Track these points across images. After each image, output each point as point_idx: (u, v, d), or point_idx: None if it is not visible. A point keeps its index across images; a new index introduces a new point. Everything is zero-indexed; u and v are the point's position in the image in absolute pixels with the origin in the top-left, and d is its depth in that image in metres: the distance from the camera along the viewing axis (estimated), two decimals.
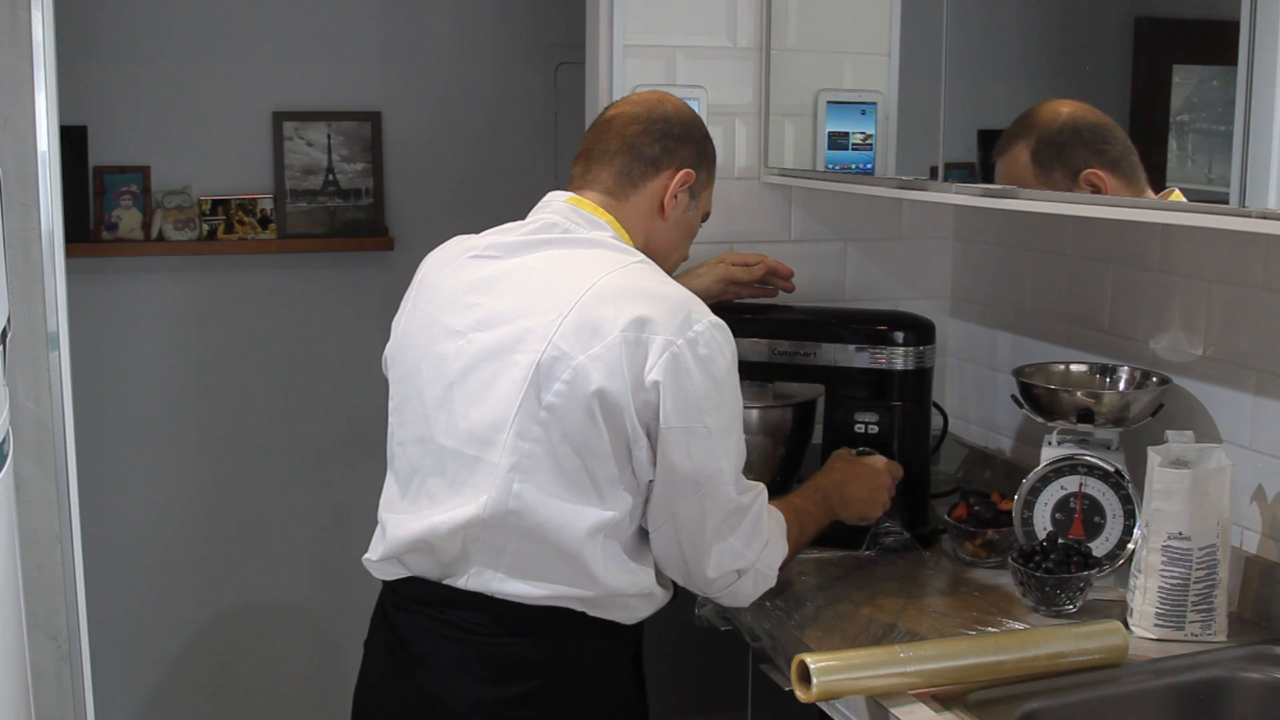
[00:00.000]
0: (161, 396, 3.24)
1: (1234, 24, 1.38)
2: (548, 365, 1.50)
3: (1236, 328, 1.79)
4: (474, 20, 3.32)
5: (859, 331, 1.99)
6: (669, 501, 1.56)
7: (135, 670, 3.25)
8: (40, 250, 1.96)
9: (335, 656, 3.32)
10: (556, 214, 1.67)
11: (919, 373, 1.98)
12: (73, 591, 2.05)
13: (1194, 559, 1.61)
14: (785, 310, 2.12)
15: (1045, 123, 1.74)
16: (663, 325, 1.51)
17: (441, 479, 1.58)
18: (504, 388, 1.53)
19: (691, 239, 1.81)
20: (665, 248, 1.75)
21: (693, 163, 1.73)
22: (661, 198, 1.71)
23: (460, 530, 1.54)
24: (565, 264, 1.60)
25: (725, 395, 1.55)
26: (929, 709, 1.44)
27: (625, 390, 1.49)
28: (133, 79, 3.11)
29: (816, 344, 2.01)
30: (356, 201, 3.29)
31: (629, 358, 1.50)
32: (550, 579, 1.54)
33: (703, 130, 1.77)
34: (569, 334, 1.51)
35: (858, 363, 1.98)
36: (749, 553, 1.61)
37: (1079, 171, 1.65)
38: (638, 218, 1.70)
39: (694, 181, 1.73)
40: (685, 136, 1.73)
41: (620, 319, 1.50)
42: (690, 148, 1.73)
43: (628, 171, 1.70)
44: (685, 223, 1.76)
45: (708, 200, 1.80)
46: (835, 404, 2.03)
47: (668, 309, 1.52)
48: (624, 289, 1.54)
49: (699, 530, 1.57)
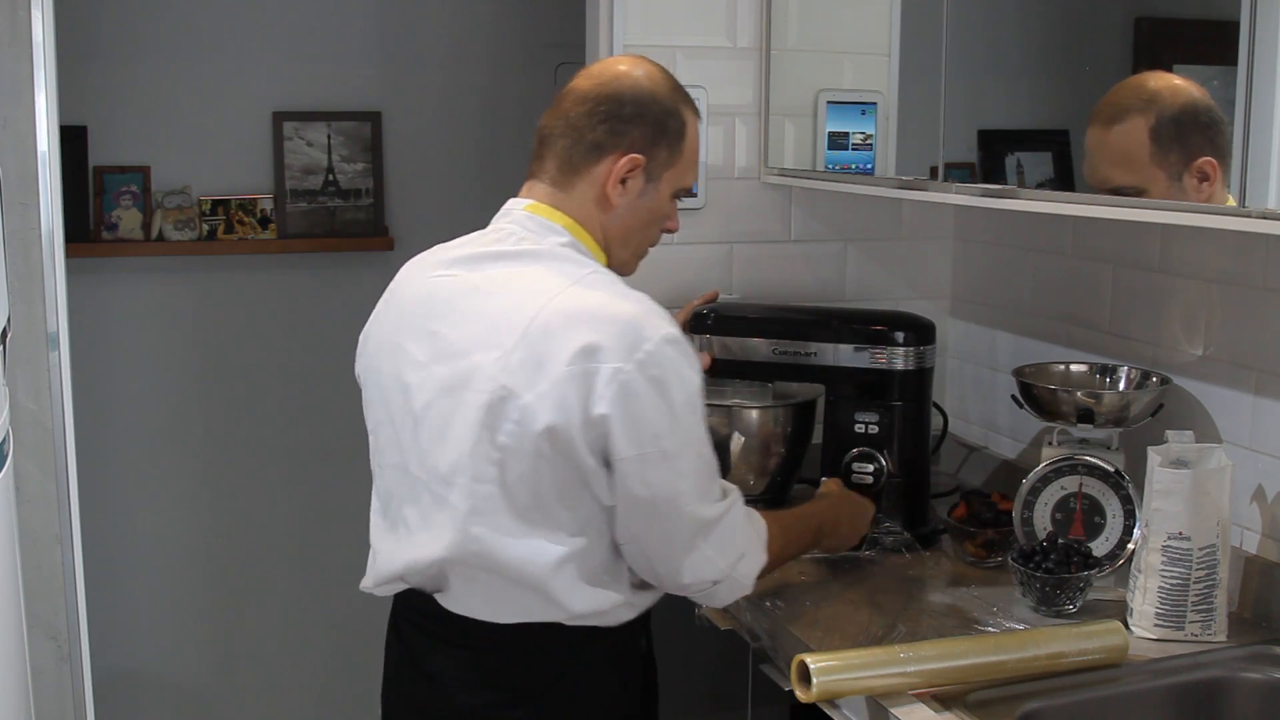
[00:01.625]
0: (161, 396, 3.23)
1: (1234, 24, 1.38)
2: (498, 405, 1.47)
3: (1236, 328, 1.79)
4: (474, 20, 3.32)
5: (859, 331, 1.99)
6: (630, 524, 1.53)
7: (135, 670, 3.25)
8: (40, 250, 1.96)
9: (336, 656, 3.32)
10: (514, 223, 1.61)
11: (919, 373, 1.98)
12: (73, 591, 2.05)
13: (1194, 559, 1.61)
14: (786, 310, 2.13)
15: (1167, 98, 1.59)
16: (610, 351, 1.45)
17: (416, 508, 1.58)
18: (459, 429, 1.51)
19: (660, 220, 1.67)
20: (620, 235, 1.64)
21: (644, 145, 1.59)
22: (605, 186, 1.59)
23: (433, 565, 1.55)
24: (516, 285, 1.54)
25: (681, 414, 1.49)
26: (929, 709, 1.44)
27: (574, 425, 1.45)
28: (133, 79, 3.10)
29: (817, 344, 2.01)
30: (356, 201, 3.29)
31: (576, 392, 1.45)
32: (520, 608, 1.54)
33: (663, 105, 1.61)
34: (516, 371, 1.47)
35: (858, 363, 1.99)
36: (722, 562, 1.57)
37: (1195, 157, 1.53)
38: (584, 208, 1.61)
39: (645, 165, 1.60)
40: (637, 116, 1.59)
41: (566, 350, 1.45)
42: (641, 128, 1.59)
43: (569, 157, 1.60)
44: (643, 209, 1.63)
45: (677, 177, 1.65)
46: (835, 404, 2.03)
47: (615, 332, 1.46)
48: (570, 314, 1.48)
49: (666, 547, 1.54)
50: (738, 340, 2.07)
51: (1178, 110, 1.59)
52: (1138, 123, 1.60)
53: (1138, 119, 1.60)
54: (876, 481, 1.98)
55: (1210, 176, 1.51)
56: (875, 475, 1.98)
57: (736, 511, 1.59)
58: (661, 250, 2.28)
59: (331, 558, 3.25)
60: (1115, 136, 1.63)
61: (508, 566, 1.51)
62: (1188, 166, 1.55)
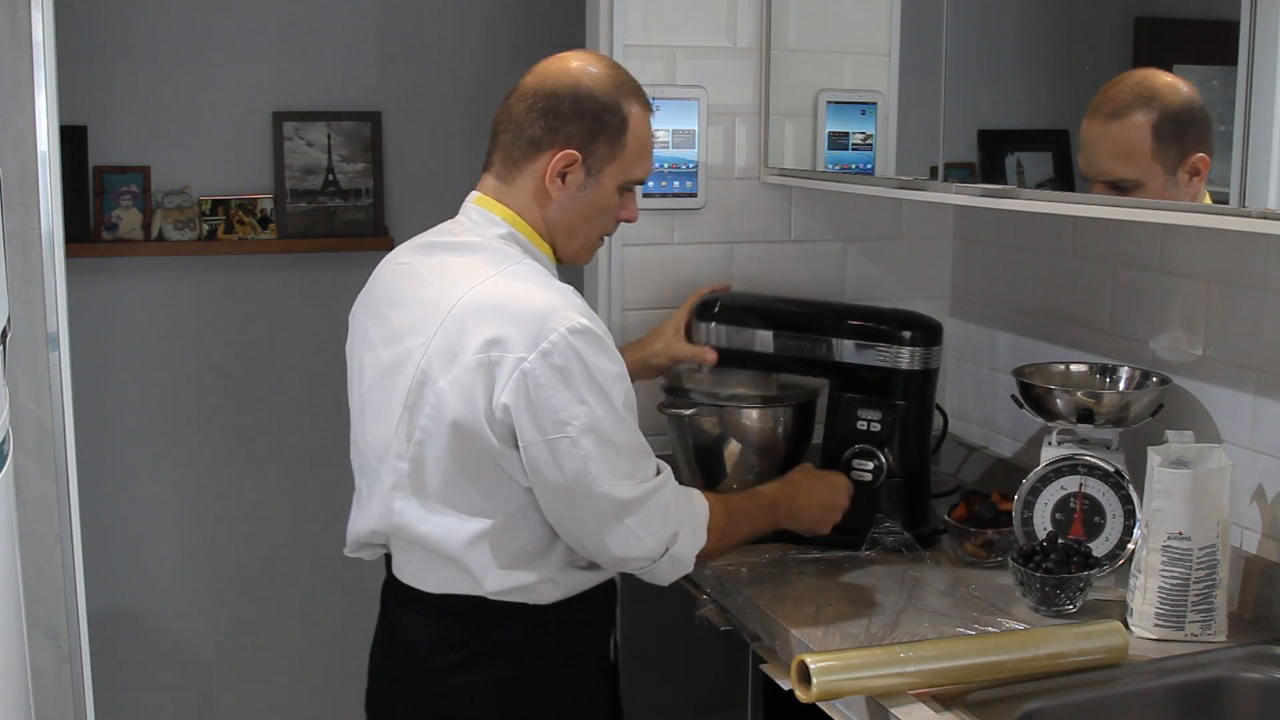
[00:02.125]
0: (161, 396, 3.23)
1: (1234, 24, 1.38)
2: (418, 389, 1.58)
3: (1236, 328, 1.79)
4: (474, 20, 3.32)
5: (867, 328, 1.98)
6: (549, 507, 1.60)
7: (135, 670, 3.25)
8: (40, 250, 1.96)
9: (336, 655, 3.32)
10: (464, 214, 1.70)
11: (924, 373, 1.98)
12: (73, 591, 2.05)
13: (1194, 559, 1.61)
14: (793, 303, 2.12)
15: (1168, 96, 1.62)
16: (515, 342, 1.52)
17: (364, 481, 1.73)
18: (389, 409, 1.62)
19: (606, 212, 1.71)
20: (563, 228, 1.69)
21: (580, 143, 1.63)
22: (543, 181, 1.65)
23: (373, 535, 1.70)
24: (449, 275, 1.62)
25: (588, 398, 1.54)
26: (929, 709, 1.44)
27: (479, 415, 1.54)
28: (133, 79, 3.10)
29: (824, 338, 2.00)
30: (356, 201, 3.29)
31: (481, 382, 1.53)
32: (443, 580, 1.65)
33: (601, 101, 1.64)
34: (434, 357, 1.56)
35: (864, 360, 1.98)
36: (652, 540, 1.62)
37: (1190, 154, 1.57)
38: (525, 201, 1.67)
39: (583, 161, 1.64)
40: (574, 114, 1.63)
41: (475, 340, 1.53)
42: (577, 125, 1.63)
43: (510, 152, 1.66)
44: (584, 202, 1.67)
45: (622, 171, 1.68)
46: (839, 400, 2.02)
47: (522, 324, 1.53)
48: (483, 305, 1.56)
49: (586, 528, 1.60)
50: (743, 330, 2.05)
51: (1178, 108, 1.61)
52: (1141, 118, 1.62)
53: (1141, 115, 1.62)
54: (876, 479, 1.98)
55: (1201, 172, 1.55)
56: (875, 473, 1.98)
57: (664, 492, 1.63)
58: (661, 250, 2.30)
59: (331, 557, 3.23)
60: (1117, 131, 1.65)
61: (425, 540, 1.62)
62: (1183, 162, 1.58)
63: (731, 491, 1.94)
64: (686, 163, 2.29)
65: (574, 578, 1.68)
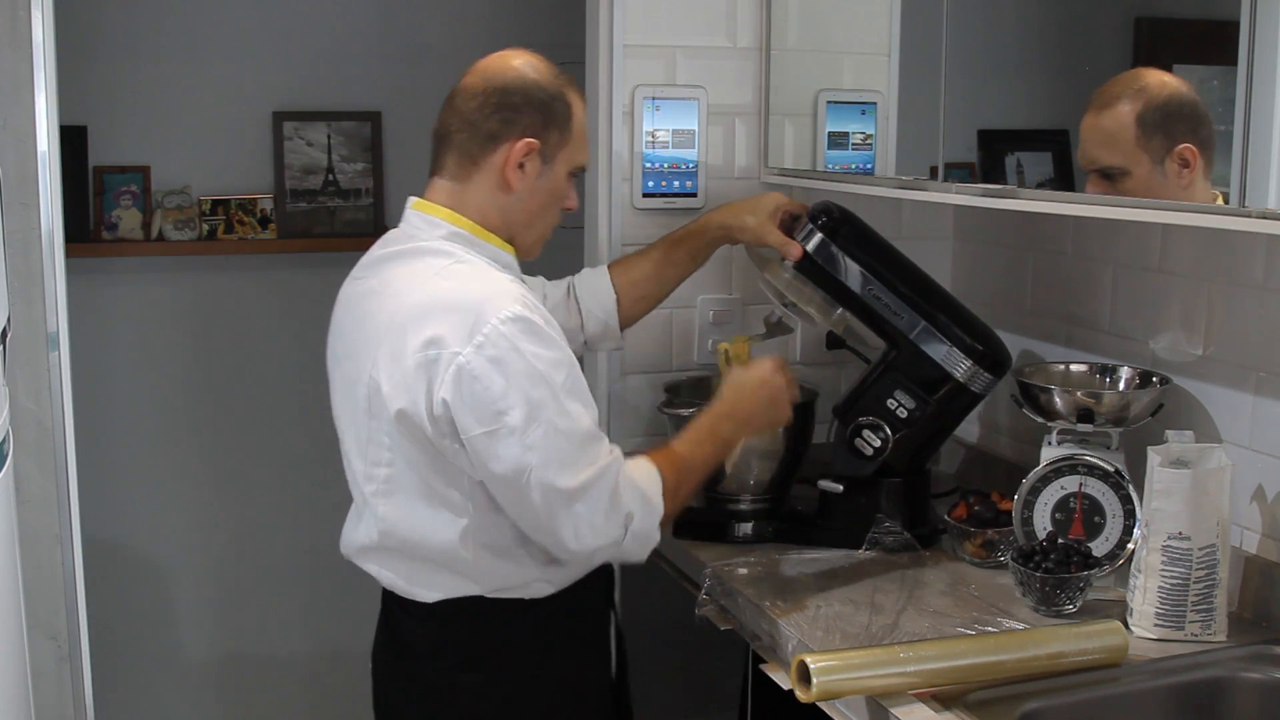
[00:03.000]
0: (161, 396, 3.23)
1: (1234, 24, 1.39)
2: (373, 397, 1.61)
3: (1236, 328, 1.79)
4: (474, 20, 3.32)
5: (949, 324, 1.95)
6: (504, 502, 1.61)
7: (135, 670, 3.25)
8: (40, 250, 1.96)
9: (336, 655, 3.32)
10: (405, 221, 1.73)
11: (971, 393, 1.96)
12: (73, 591, 2.05)
13: (1194, 559, 1.61)
14: (905, 262, 2.02)
15: (1154, 89, 1.68)
16: (450, 338, 1.55)
17: (355, 492, 1.74)
18: (356, 421, 1.67)
19: (561, 200, 1.75)
20: (523, 219, 1.72)
21: (536, 130, 1.67)
22: (504, 172, 1.67)
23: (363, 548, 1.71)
24: (393, 285, 1.65)
25: (525, 387, 1.55)
26: (929, 709, 1.44)
27: (422, 412, 1.56)
28: (133, 79, 3.10)
29: (908, 308, 1.95)
30: (356, 201, 3.29)
31: (424, 380, 1.55)
32: (437, 586, 1.66)
33: (548, 90, 1.68)
34: (382, 365, 1.60)
35: (928, 349, 1.95)
36: (610, 527, 1.62)
37: (1176, 145, 1.61)
38: (484, 196, 1.69)
39: (540, 149, 1.68)
40: (525, 103, 1.67)
41: (415, 341, 1.56)
42: (531, 113, 1.67)
43: (467, 150, 1.68)
44: (542, 190, 1.71)
45: (571, 157, 1.72)
46: (885, 371, 1.98)
47: (457, 320, 1.55)
48: (421, 306, 1.59)
49: (536, 518, 1.60)
50: (842, 255, 1.96)
51: (1164, 99, 1.66)
52: (1126, 108, 1.68)
53: (1126, 105, 1.68)
54: (874, 456, 1.97)
55: (1190, 163, 1.59)
56: (875, 451, 1.97)
57: (610, 475, 1.62)
58: None
59: (331, 556, 3.24)
60: (1105, 120, 1.70)
61: (412, 543, 1.64)
62: (1169, 152, 1.62)
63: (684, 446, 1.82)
64: (686, 163, 2.29)
65: (557, 573, 1.68)
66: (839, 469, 2.01)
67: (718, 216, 2.04)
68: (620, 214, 2.27)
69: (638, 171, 2.27)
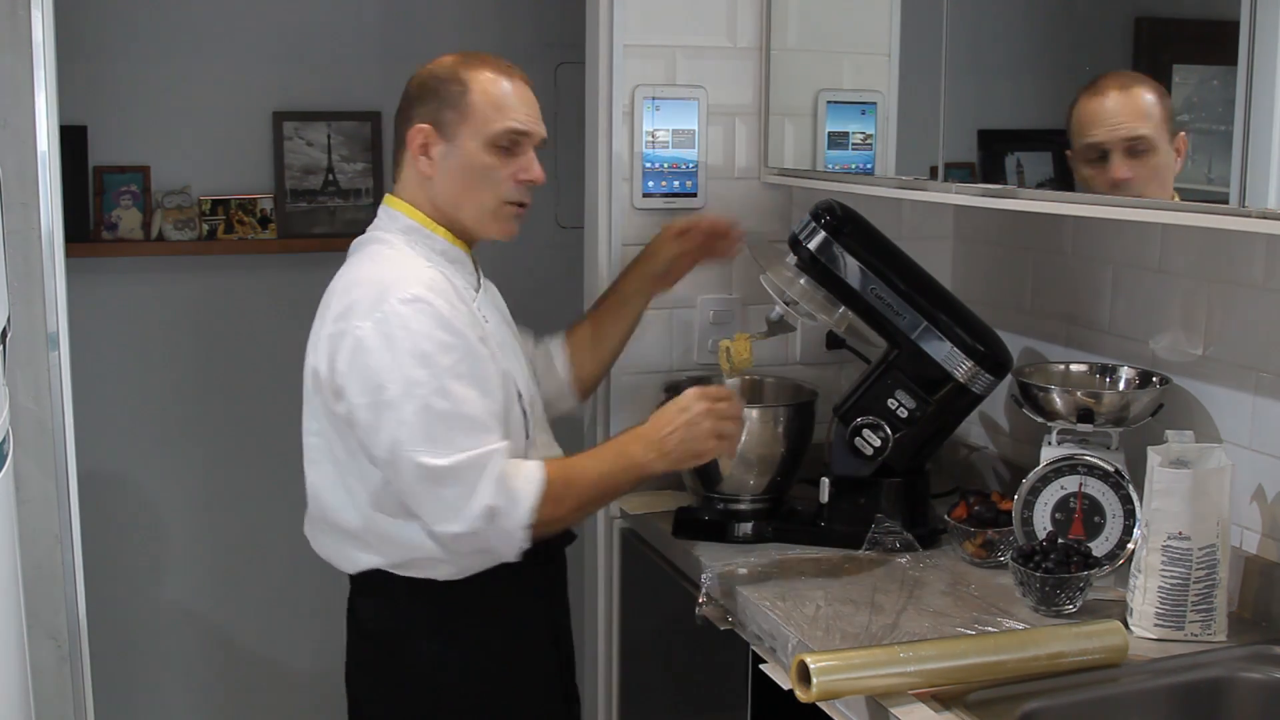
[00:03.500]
0: (161, 396, 3.23)
1: (1234, 24, 1.38)
2: (311, 371, 1.74)
3: (1236, 328, 1.79)
4: (474, 20, 3.32)
5: (950, 325, 1.95)
6: (384, 474, 1.70)
7: (135, 670, 3.25)
8: (40, 250, 1.96)
9: (336, 655, 3.31)
10: (378, 215, 1.86)
11: (971, 394, 1.97)
12: (73, 591, 2.05)
13: (1194, 559, 1.61)
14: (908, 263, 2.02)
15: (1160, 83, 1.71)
16: (356, 312, 1.67)
17: None
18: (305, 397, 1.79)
19: (483, 173, 1.78)
20: (450, 200, 1.80)
21: (429, 115, 1.78)
22: (416, 163, 1.79)
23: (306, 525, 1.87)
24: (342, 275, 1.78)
25: (407, 365, 1.63)
26: (929, 709, 1.44)
27: (323, 380, 1.70)
28: (133, 79, 3.10)
29: (910, 308, 1.96)
30: (356, 201, 3.29)
31: (330, 349, 1.68)
32: (350, 557, 1.81)
33: (439, 76, 1.80)
34: (315, 340, 1.74)
35: (930, 349, 1.95)
36: (470, 515, 1.65)
37: (1178, 130, 1.63)
38: (415, 188, 1.81)
39: (435, 131, 1.77)
40: (418, 96, 1.80)
41: (331, 315, 1.70)
42: (425, 103, 1.79)
43: (394, 152, 1.85)
44: (454, 168, 1.78)
45: (478, 129, 1.76)
46: (886, 371, 1.99)
47: (363, 295, 1.68)
48: (346, 285, 1.73)
49: (409, 497, 1.68)
50: (843, 253, 1.96)
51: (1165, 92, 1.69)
52: (1146, 90, 1.71)
53: (1145, 88, 1.71)
54: (874, 456, 1.97)
55: (1182, 153, 1.63)
56: (875, 451, 1.97)
57: (480, 464, 1.65)
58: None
59: None
60: (1131, 97, 1.72)
61: (330, 511, 1.78)
62: (1175, 136, 1.64)
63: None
64: (686, 163, 2.29)
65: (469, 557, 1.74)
66: (839, 469, 2.01)
67: (634, 272, 2.13)
68: (620, 214, 2.27)
69: (638, 171, 2.27)
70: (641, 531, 2.20)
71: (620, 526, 2.28)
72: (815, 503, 2.04)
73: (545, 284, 2.80)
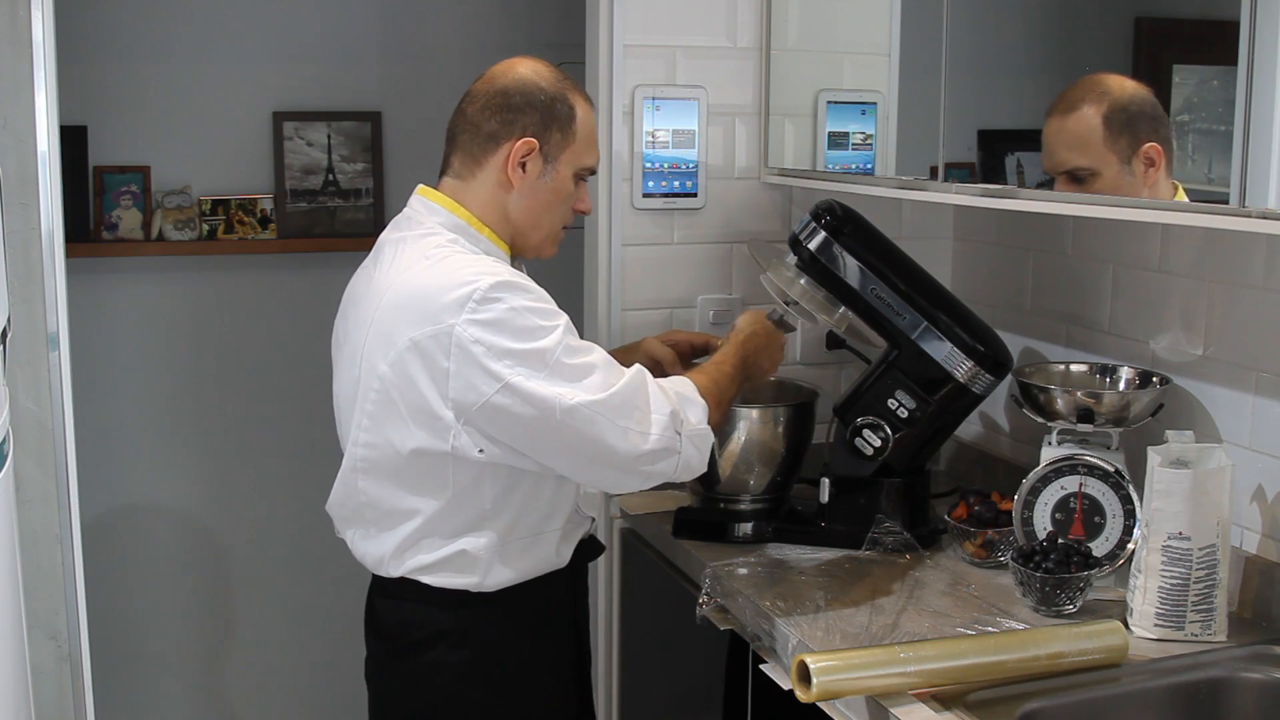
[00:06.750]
0: (161, 396, 3.23)
1: (1234, 24, 1.38)
2: (366, 378, 1.67)
3: (1236, 328, 1.79)
4: (474, 19, 3.32)
5: (951, 325, 1.95)
6: (541, 451, 1.64)
7: (135, 670, 3.25)
8: (40, 250, 1.96)
9: (337, 654, 3.32)
10: (409, 207, 1.80)
11: (971, 394, 1.96)
12: (73, 591, 2.05)
13: (1194, 559, 1.61)
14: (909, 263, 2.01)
15: (1116, 91, 1.72)
16: (443, 314, 1.58)
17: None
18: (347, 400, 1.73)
19: (565, 200, 1.78)
20: (527, 218, 1.75)
21: (536, 130, 1.72)
22: (505, 171, 1.72)
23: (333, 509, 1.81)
24: (386, 268, 1.71)
25: (526, 337, 1.59)
26: (929, 709, 1.44)
27: (422, 393, 1.61)
28: (133, 79, 3.10)
29: (910, 308, 1.95)
30: (356, 201, 3.29)
31: (420, 360, 1.60)
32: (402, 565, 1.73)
33: (548, 92, 1.73)
34: (376, 346, 1.65)
35: (930, 349, 1.95)
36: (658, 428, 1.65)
37: (1142, 143, 1.65)
38: (486, 194, 1.74)
39: (539, 149, 1.72)
40: (525, 105, 1.72)
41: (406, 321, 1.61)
42: (530, 115, 1.72)
43: (470, 150, 1.75)
44: (545, 189, 1.75)
45: (575, 158, 1.76)
46: (887, 371, 1.99)
47: (445, 296, 1.59)
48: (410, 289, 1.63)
49: (583, 442, 1.63)
50: (843, 253, 1.96)
51: (1127, 100, 1.71)
52: (1090, 110, 1.72)
53: (1090, 107, 1.72)
54: (874, 456, 1.97)
55: (1156, 162, 1.63)
56: (876, 451, 1.97)
57: (638, 381, 1.67)
58: (662, 250, 2.30)
59: (331, 556, 3.24)
60: (1072, 123, 1.74)
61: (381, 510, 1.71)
62: (1136, 152, 1.66)
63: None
64: (686, 163, 2.29)
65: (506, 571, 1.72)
66: (839, 469, 2.01)
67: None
68: (620, 214, 2.27)
69: (638, 171, 2.27)
70: (642, 531, 2.20)
71: (620, 526, 2.28)
72: (815, 503, 2.04)
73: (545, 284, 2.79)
